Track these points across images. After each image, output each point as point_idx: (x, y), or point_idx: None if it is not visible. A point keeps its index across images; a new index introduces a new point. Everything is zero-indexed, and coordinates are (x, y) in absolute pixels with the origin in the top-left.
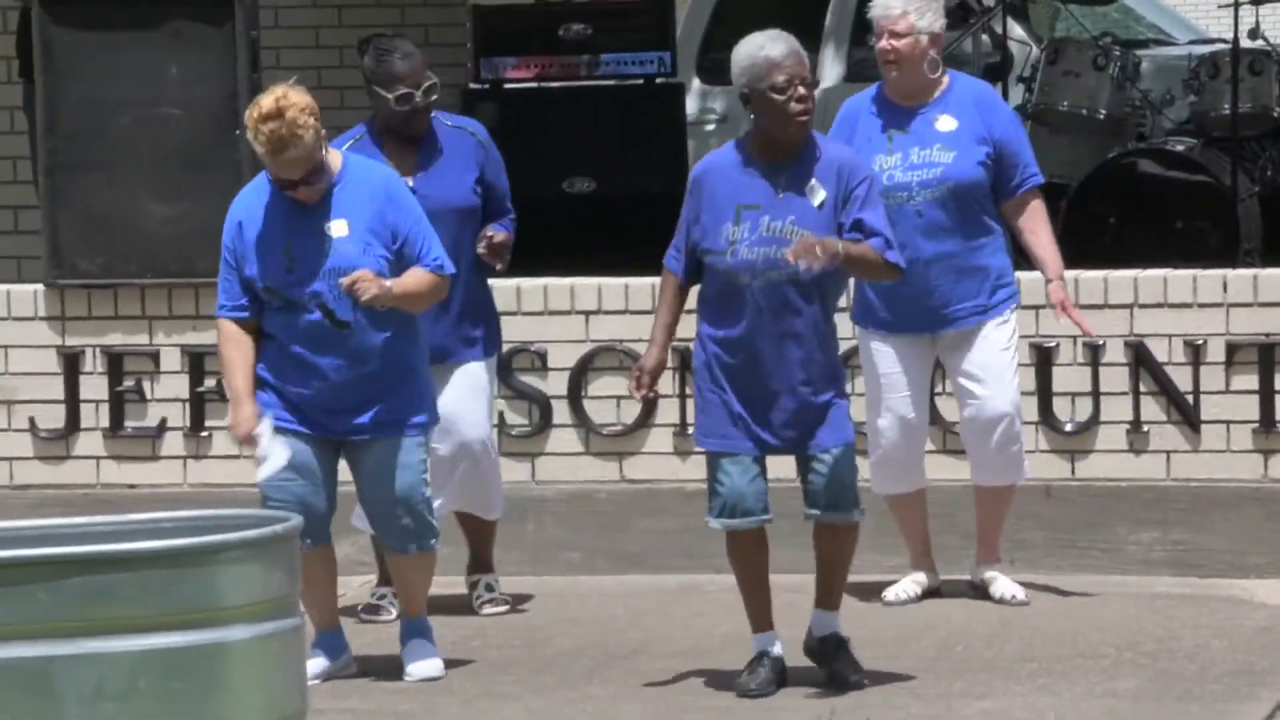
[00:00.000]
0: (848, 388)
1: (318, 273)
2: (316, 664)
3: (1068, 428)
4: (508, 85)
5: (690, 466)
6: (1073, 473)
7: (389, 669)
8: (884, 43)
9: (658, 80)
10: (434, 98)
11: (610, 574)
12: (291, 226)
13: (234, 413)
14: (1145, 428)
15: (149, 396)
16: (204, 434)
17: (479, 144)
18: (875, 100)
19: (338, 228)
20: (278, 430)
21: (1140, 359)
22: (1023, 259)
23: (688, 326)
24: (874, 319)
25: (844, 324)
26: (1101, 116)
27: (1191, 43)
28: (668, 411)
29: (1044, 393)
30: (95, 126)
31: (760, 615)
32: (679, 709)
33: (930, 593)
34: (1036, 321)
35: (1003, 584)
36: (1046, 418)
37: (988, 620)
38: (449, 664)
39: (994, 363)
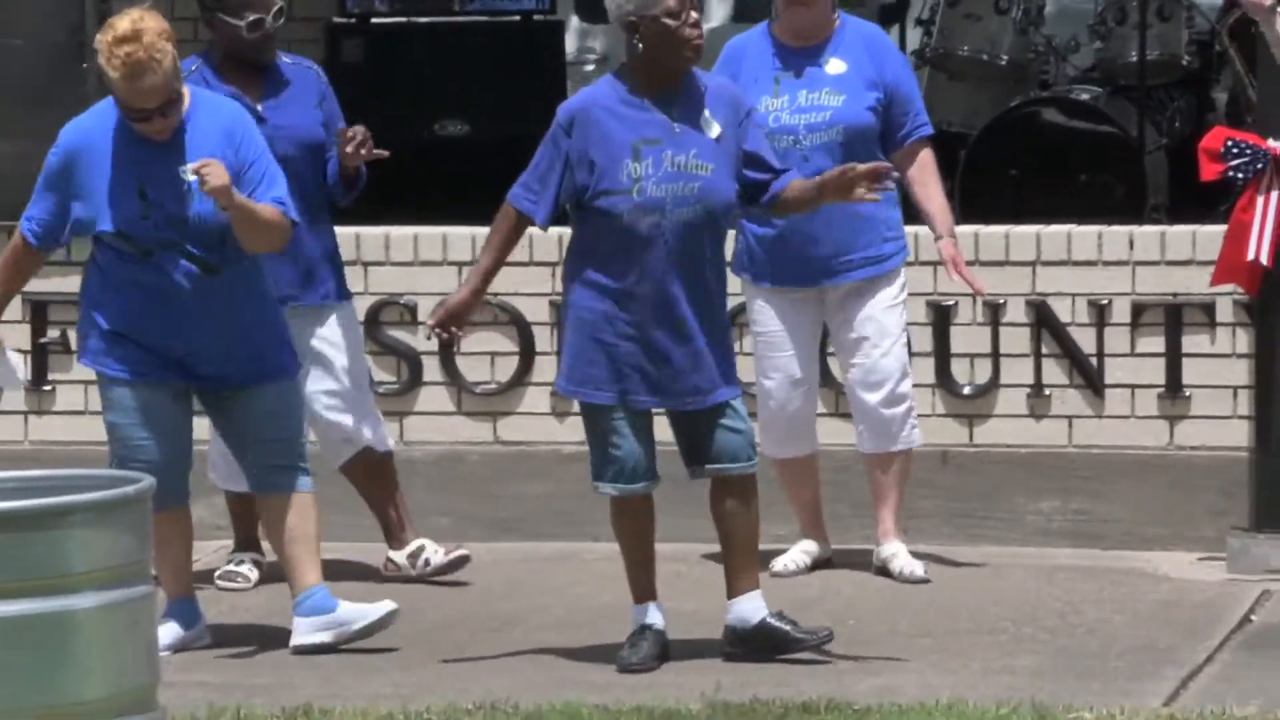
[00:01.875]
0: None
1: (176, 220)
2: (168, 633)
3: (965, 391)
4: (375, 20)
5: (568, 428)
6: (970, 439)
7: (245, 638)
8: None
9: (535, 17)
10: (281, 21)
11: (483, 541)
12: (144, 169)
13: None
14: (1047, 391)
15: None
16: (46, 388)
17: (319, 78)
18: (762, 40)
19: (191, 172)
20: (122, 382)
21: (1042, 319)
22: (909, 214)
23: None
24: (758, 271)
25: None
26: (1003, 62)
27: None
28: (545, 369)
29: (941, 354)
30: None
31: (645, 585)
32: (556, 684)
33: (821, 563)
34: (934, 279)
35: (902, 560)
36: (944, 381)
37: (881, 593)
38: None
39: (882, 319)
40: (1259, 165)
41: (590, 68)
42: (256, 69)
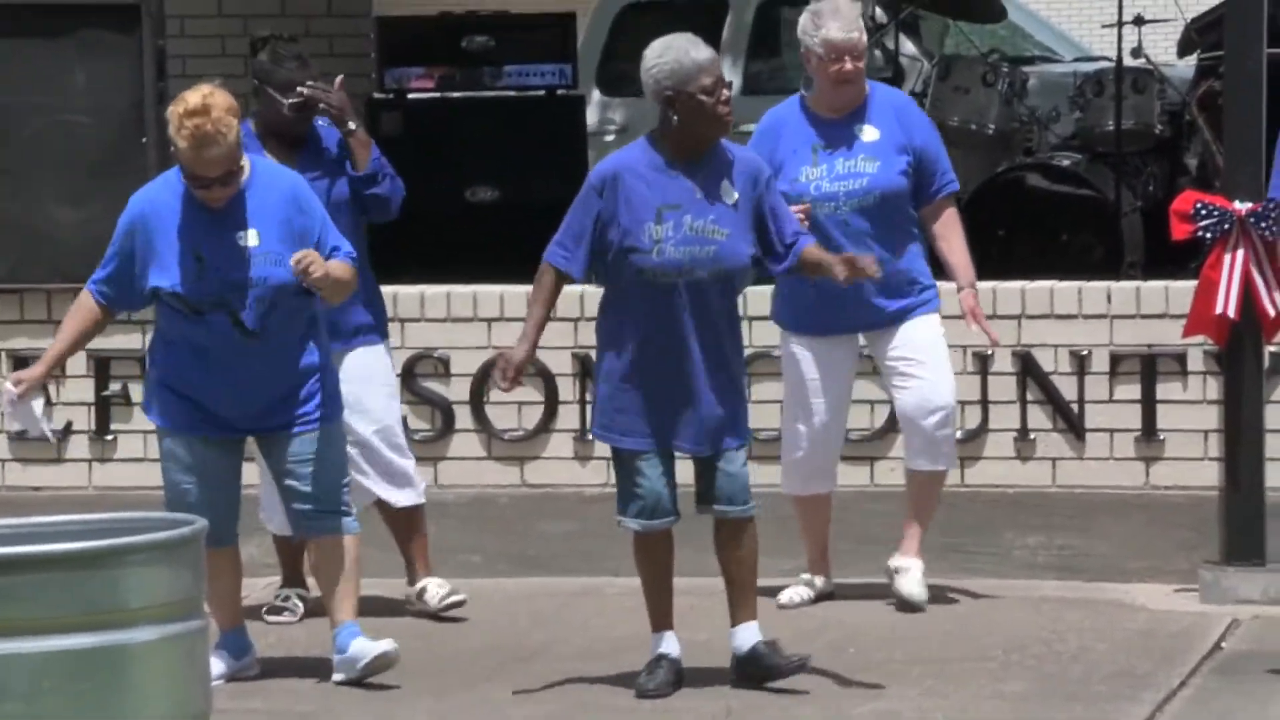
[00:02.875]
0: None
1: (229, 282)
2: (219, 664)
3: (957, 435)
4: (411, 95)
5: (590, 471)
6: (962, 479)
7: (292, 669)
8: (846, 65)
9: (559, 91)
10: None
11: (511, 576)
12: (202, 232)
13: (27, 370)
14: (1032, 435)
15: (54, 400)
16: (109, 437)
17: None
18: (797, 113)
19: (250, 237)
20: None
21: (1027, 368)
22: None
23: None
24: (798, 322)
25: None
26: (990, 131)
27: (1077, 60)
28: (568, 417)
29: None
30: (3, 133)
31: (663, 615)
32: (579, 709)
33: (823, 596)
34: None
35: (909, 580)
36: None
37: (879, 624)
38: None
39: (931, 347)
40: (1226, 226)
41: (610, 138)
42: (296, 139)
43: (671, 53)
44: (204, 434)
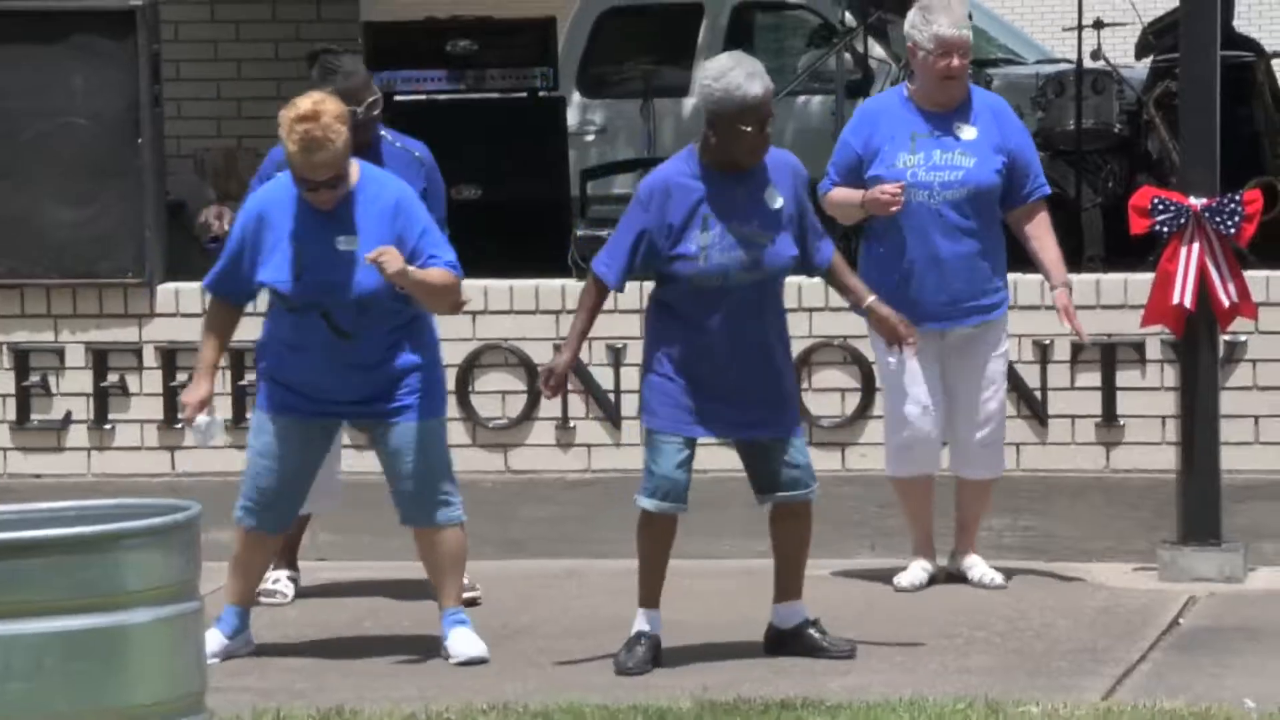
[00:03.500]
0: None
1: (325, 284)
2: (220, 638)
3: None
4: (399, 98)
5: (571, 458)
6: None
7: (285, 649)
8: (954, 62)
9: (541, 94)
10: (375, 113)
11: (496, 559)
12: (307, 233)
13: (192, 388)
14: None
15: (54, 391)
16: (107, 426)
17: (419, 163)
18: (900, 103)
19: (349, 242)
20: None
21: None
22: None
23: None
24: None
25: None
26: None
27: (1039, 62)
28: (550, 406)
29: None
30: (3, 135)
31: (654, 592)
32: (561, 686)
33: (934, 579)
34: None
35: (980, 569)
36: None
37: (851, 601)
38: (341, 643)
39: (991, 366)
40: (1182, 220)
41: (590, 139)
42: (356, 148)
43: (725, 81)
44: (294, 415)
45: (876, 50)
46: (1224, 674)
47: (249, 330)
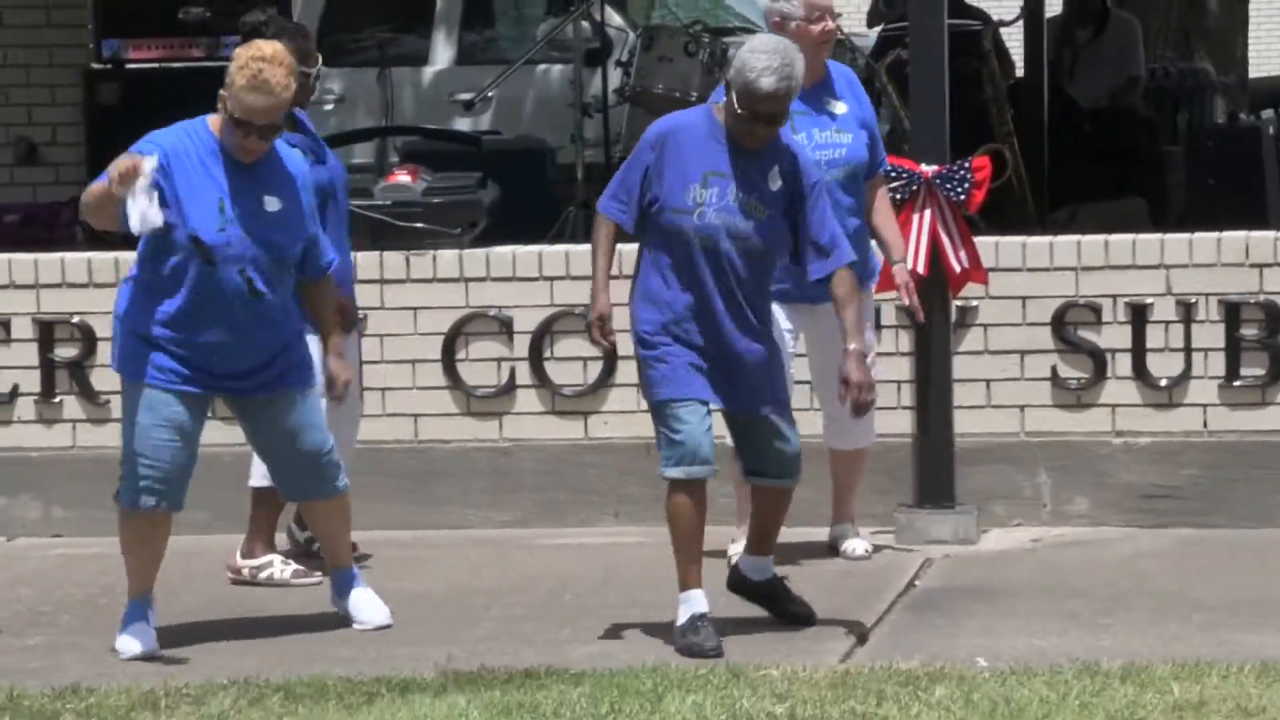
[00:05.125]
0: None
1: (248, 240)
2: (136, 642)
3: None
4: (130, 66)
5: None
6: None
7: (16, 628)
8: (827, 24)
9: None
10: (315, 80)
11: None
12: (226, 185)
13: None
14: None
15: None
16: None
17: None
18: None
19: (271, 202)
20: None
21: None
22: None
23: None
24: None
25: None
26: (694, 98)
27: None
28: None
29: None
30: None
31: (694, 572)
32: (305, 660)
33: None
34: None
35: (852, 542)
36: None
37: (591, 569)
38: (79, 621)
39: (866, 338)
40: (913, 187)
41: (329, 107)
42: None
43: (750, 59)
44: (190, 389)
45: (614, 18)
46: (958, 634)
47: (68, 301)
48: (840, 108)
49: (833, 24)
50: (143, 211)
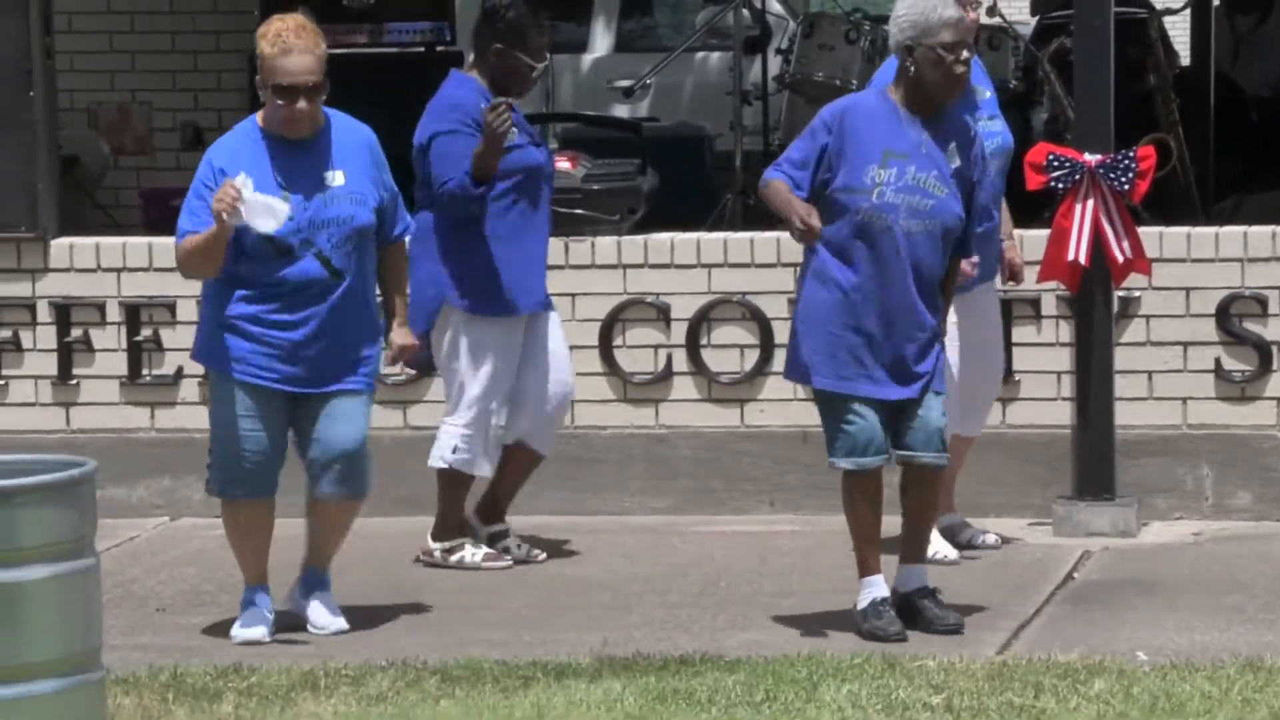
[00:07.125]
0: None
1: (318, 222)
2: (261, 628)
3: None
4: None
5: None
6: None
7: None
8: (971, 15)
9: (438, 48)
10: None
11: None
12: (288, 173)
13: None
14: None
15: None
16: (1, 383)
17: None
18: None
19: (335, 177)
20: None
21: None
22: None
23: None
24: None
25: None
26: (854, 87)
27: None
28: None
29: None
30: None
31: (872, 560)
32: (459, 644)
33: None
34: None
35: (977, 534)
36: None
37: (747, 558)
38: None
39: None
40: (1076, 176)
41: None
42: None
43: (920, 5)
44: (269, 385)
45: (774, 6)
46: (1118, 627)
47: (147, 286)
48: (986, 94)
49: (974, 15)
50: (266, 210)
